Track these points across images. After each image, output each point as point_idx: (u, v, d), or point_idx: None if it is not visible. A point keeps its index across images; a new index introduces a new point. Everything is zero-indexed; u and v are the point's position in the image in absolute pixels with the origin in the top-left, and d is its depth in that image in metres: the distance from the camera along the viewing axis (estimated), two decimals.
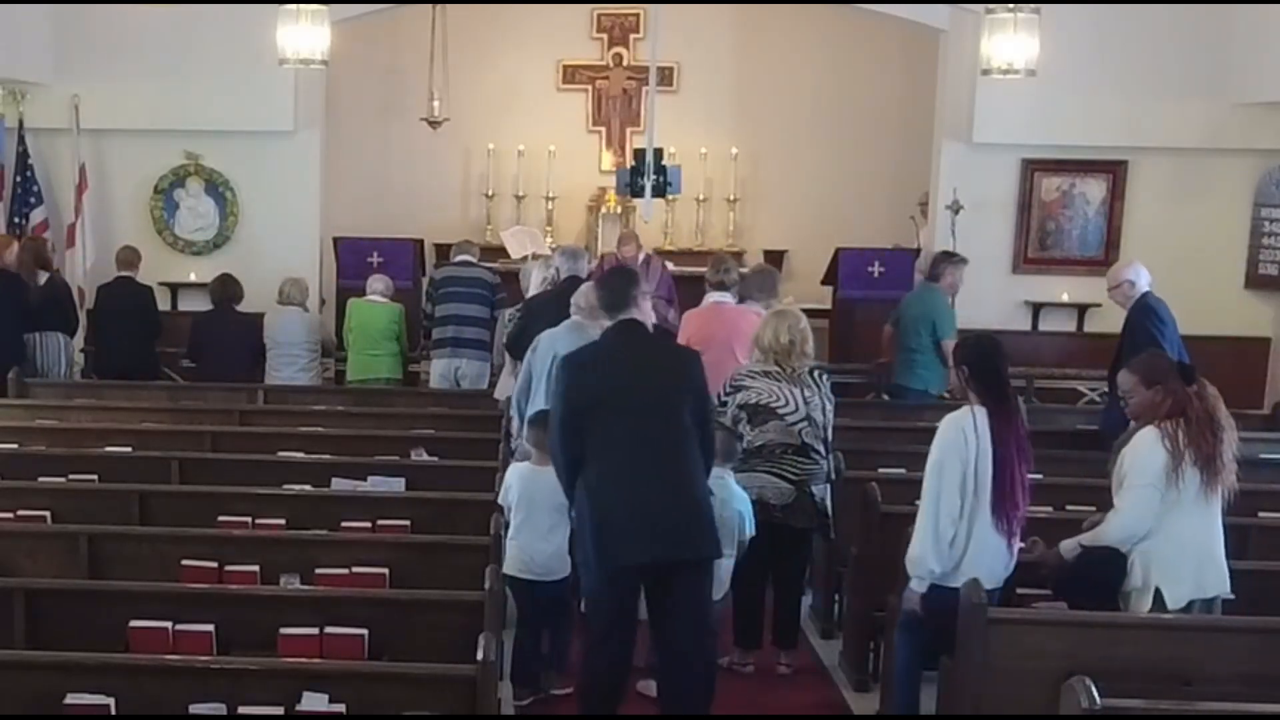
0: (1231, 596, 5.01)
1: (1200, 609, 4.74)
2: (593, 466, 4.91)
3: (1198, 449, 4.67)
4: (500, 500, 5.68)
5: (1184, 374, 4.80)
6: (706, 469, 5.04)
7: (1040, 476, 6.75)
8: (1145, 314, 7.25)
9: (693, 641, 4.95)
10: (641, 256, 9.70)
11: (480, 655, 3.89)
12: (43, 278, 9.19)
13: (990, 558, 4.83)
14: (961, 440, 4.82)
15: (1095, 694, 3.89)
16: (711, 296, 7.66)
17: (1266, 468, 7.13)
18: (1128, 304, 7.42)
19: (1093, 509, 5.58)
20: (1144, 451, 4.73)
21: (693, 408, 4.96)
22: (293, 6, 9.07)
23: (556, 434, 5.00)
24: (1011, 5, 9.17)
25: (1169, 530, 4.70)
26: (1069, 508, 5.95)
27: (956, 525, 4.81)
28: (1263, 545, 5.80)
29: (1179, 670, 4.37)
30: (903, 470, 6.68)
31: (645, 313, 5.16)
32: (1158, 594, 4.69)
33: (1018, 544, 4.92)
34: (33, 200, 10.49)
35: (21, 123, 10.49)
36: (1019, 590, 5.02)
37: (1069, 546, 4.94)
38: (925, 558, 4.83)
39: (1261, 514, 6.18)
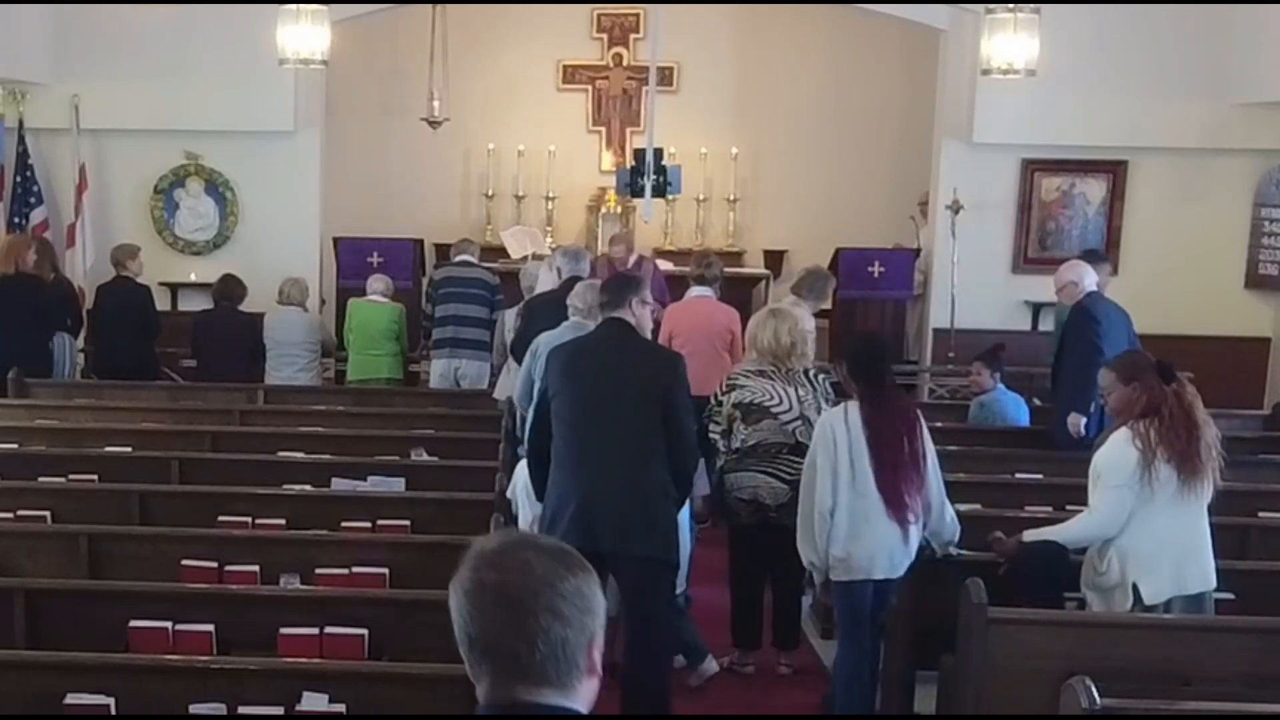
0: (1230, 596, 5.02)
1: (1185, 606, 4.74)
2: (555, 455, 5.06)
3: (1170, 446, 4.67)
4: (508, 495, 5.80)
5: (1162, 372, 4.79)
6: (679, 472, 5.05)
7: (1040, 477, 6.80)
8: (1081, 316, 7.30)
9: (642, 636, 5.05)
10: (633, 259, 9.73)
11: None
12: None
13: (882, 549, 5.04)
14: (830, 436, 5.06)
15: (1095, 694, 3.89)
16: (693, 291, 8.03)
17: (1266, 468, 7.13)
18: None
19: None
20: (1115, 451, 4.77)
21: (665, 410, 4.98)
22: (293, 6, 9.08)
23: (529, 422, 5.22)
24: (1011, 5, 9.18)
25: (1145, 527, 4.72)
26: (1069, 507, 5.93)
27: (829, 519, 5.04)
28: (1263, 545, 5.80)
29: (1179, 670, 4.37)
30: None
31: (641, 318, 5.23)
32: (1136, 590, 4.71)
33: (916, 534, 5.09)
34: (33, 200, 10.49)
35: (21, 123, 10.49)
36: None
37: (1032, 539, 5.02)
38: (803, 549, 5.16)
39: (1261, 514, 6.18)
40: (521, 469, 5.83)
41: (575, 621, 1.94)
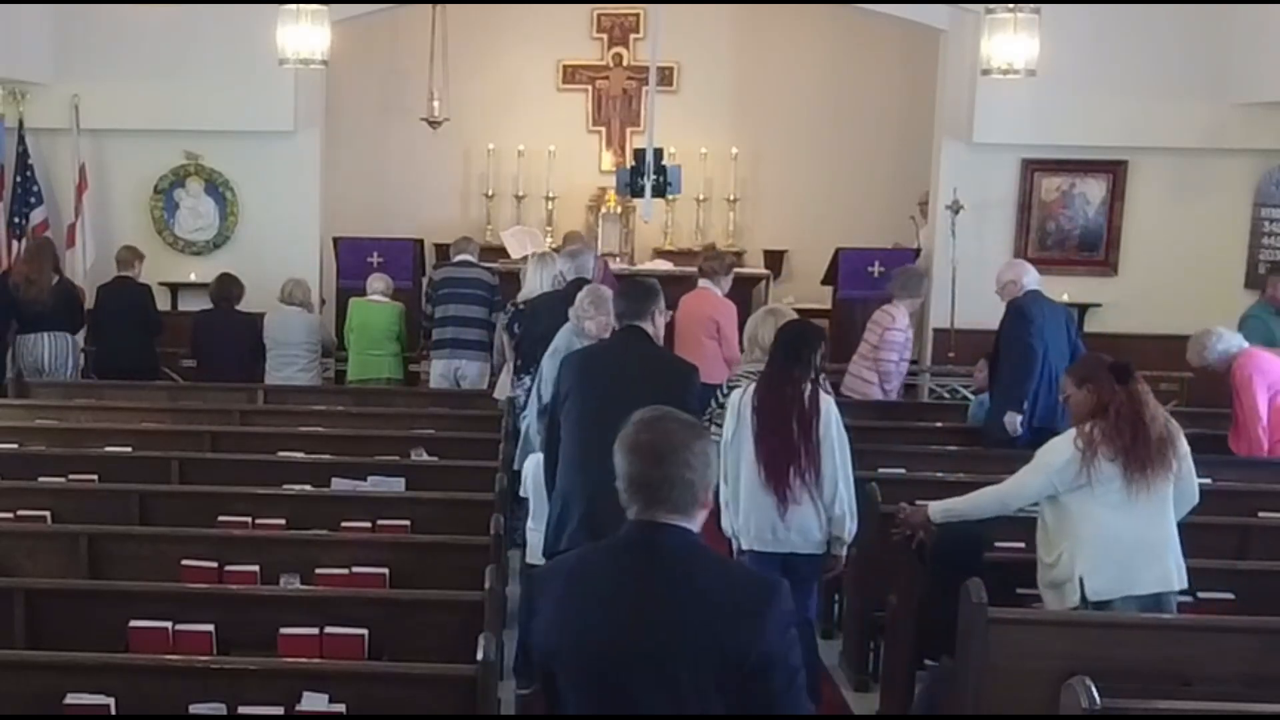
0: (1230, 596, 5.02)
1: (1140, 607, 4.72)
2: (563, 455, 5.13)
3: (1112, 444, 4.71)
4: (521, 493, 5.87)
5: (1116, 373, 4.82)
6: None
7: None
8: (1015, 315, 7.38)
9: None
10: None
11: (480, 655, 3.89)
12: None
13: (765, 523, 5.22)
14: (730, 413, 5.35)
15: (1095, 694, 3.89)
16: (700, 283, 8.55)
17: (1266, 468, 7.13)
18: None
19: None
20: (1056, 443, 4.91)
21: None
22: (293, 6, 9.08)
23: (545, 423, 5.30)
24: (1011, 5, 9.18)
25: (1090, 523, 4.76)
26: None
27: (726, 491, 5.30)
28: (1263, 545, 5.80)
29: (1179, 670, 4.37)
30: (903, 470, 6.70)
31: (657, 327, 5.32)
32: (1083, 586, 4.73)
33: (805, 516, 5.22)
34: (33, 200, 10.49)
35: (21, 123, 10.49)
36: (1018, 590, 5.02)
37: (937, 509, 5.15)
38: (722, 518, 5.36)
39: (1261, 514, 6.18)
40: (531, 462, 5.87)
41: (699, 471, 2.79)
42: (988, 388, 7.72)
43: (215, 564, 5.16)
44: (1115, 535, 4.71)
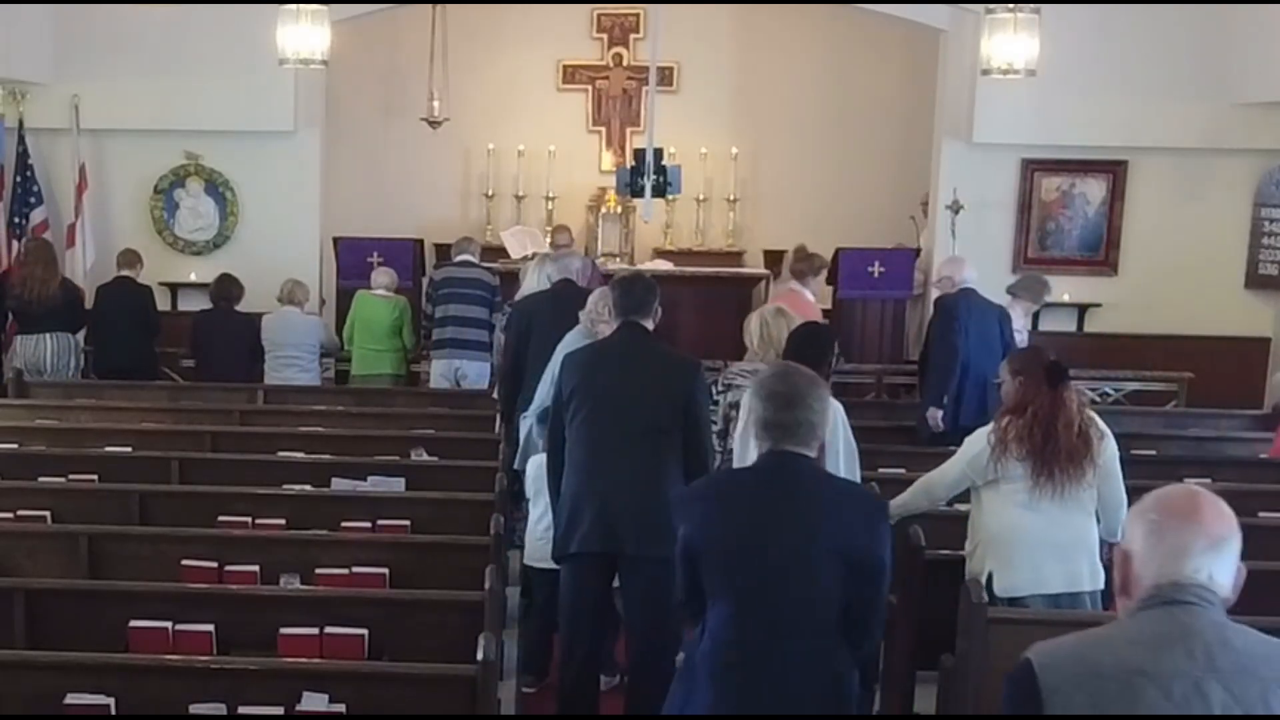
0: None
1: (1048, 605, 4.75)
2: (570, 457, 5.08)
3: (1022, 444, 4.74)
4: (527, 494, 5.88)
5: (1050, 374, 4.82)
6: (694, 478, 5.02)
7: None
8: (939, 312, 7.63)
9: (647, 638, 5.08)
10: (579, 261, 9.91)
11: (480, 655, 3.89)
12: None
13: None
14: (742, 410, 5.26)
15: None
16: (791, 285, 8.59)
17: (1266, 468, 7.13)
18: None
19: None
20: (972, 439, 4.98)
21: (685, 416, 4.99)
22: (293, 6, 9.07)
23: (549, 424, 5.26)
24: (1011, 5, 9.17)
25: (998, 518, 4.82)
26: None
27: None
28: (1263, 545, 5.78)
29: None
30: (903, 470, 6.69)
31: (657, 322, 5.27)
32: (991, 580, 4.77)
33: None
34: (33, 200, 10.49)
35: (21, 123, 10.50)
36: None
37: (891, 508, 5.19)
38: None
39: (1261, 514, 6.17)
40: (534, 462, 5.88)
41: (818, 414, 3.55)
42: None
43: (215, 564, 5.16)
44: (1020, 533, 4.77)
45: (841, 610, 3.48)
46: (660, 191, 8.56)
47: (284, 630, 4.43)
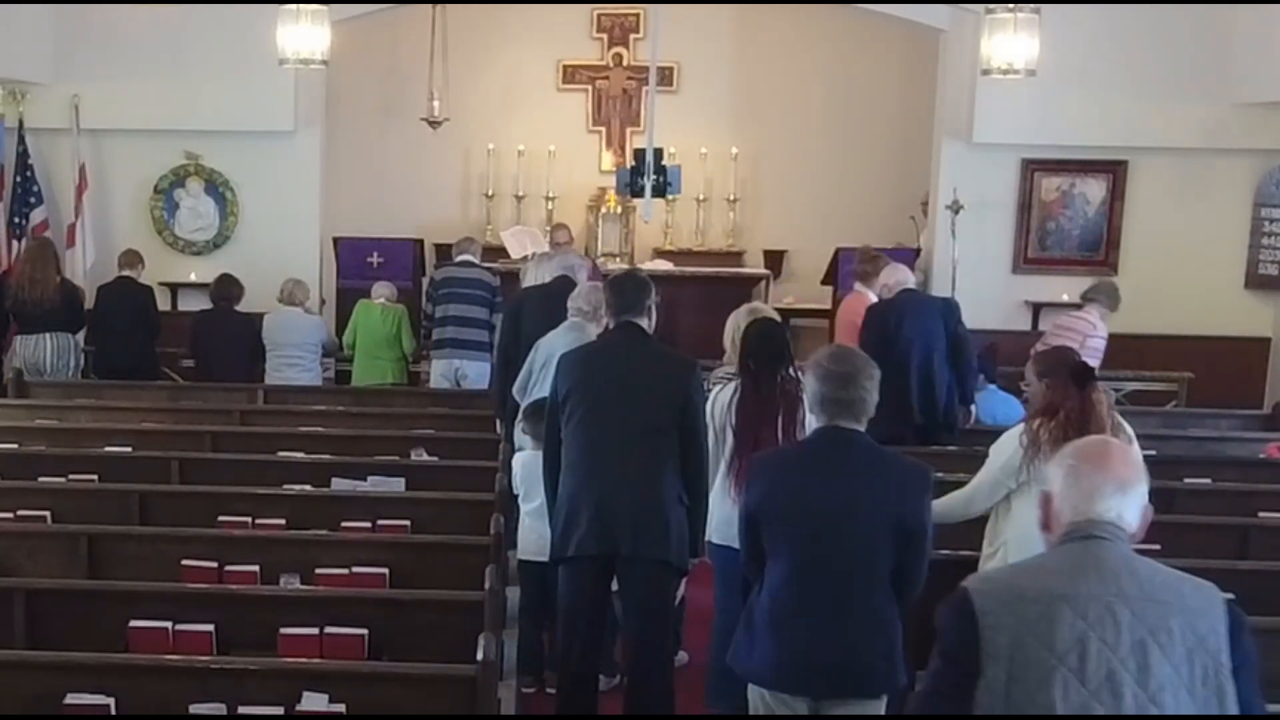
0: (1230, 596, 4.99)
1: None
2: (566, 458, 5.05)
3: (1056, 446, 4.67)
4: (515, 489, 5.87)
5: (1076, 375, 4.80)
6: (694, 478, 5.02)
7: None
8: (868, 316, 7.72)
9: (646, 639, 5.07)
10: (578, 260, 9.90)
11: (480, 655, 3.89)
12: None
13: (723, 521, 5.13)
14: (714, 408, 5.31)
15: None
16: (856, 287, 8.61)
17: (1266, 468, 7.13)
18: None
19: None
20: (1003, 441, 4.93)
21: (682, 417, 4.96)
22: (293, 6, 9.07)
23: (545, 425, 5.22)
24: (1011, 5, 9.17)
25: (1032, 523, 4.75)
26: None
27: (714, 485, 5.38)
28: (1263, 545, 5.79)
29: None
30: None
31: (653, 320, 5.23)
32: None
33: None
34: (33, 200, 10.49)
35: (21, 123, 10.49)
36: None
37: None
38: None
39: (1262, 514, 6.17)
40: (519, 459, 5.90)
41: (870, 393, 3.91)
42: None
43: (215, 564, 5.16)
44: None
45: (890, 569, 3.86)
46: (660, 191, 8.56)
47: (284, 630, 4.43)
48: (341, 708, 3.89)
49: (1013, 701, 2.54)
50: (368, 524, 5.74)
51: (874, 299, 8.27)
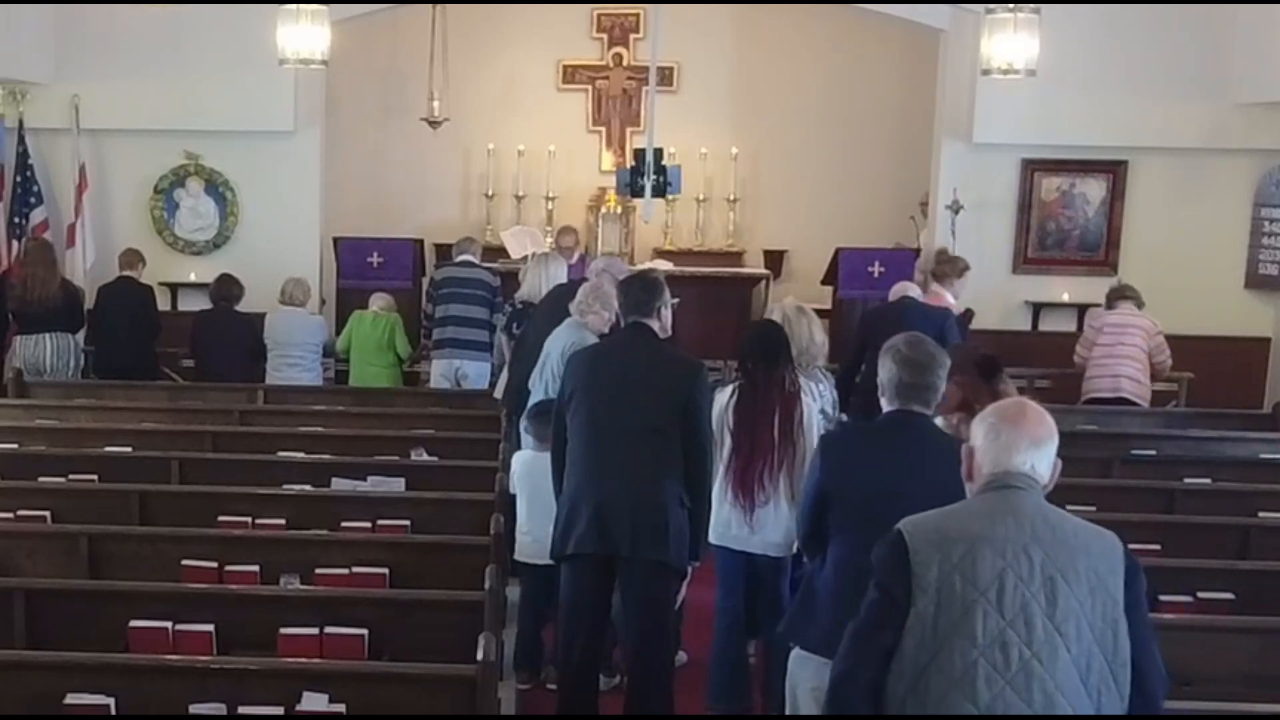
0: (1230, 596, 5.01)
1: None
2: (570, 456, 5.07)
3: None
4: (512, 489, 5.87)
5: (983, 369, 4.89)
6: (696, 480, 5.01)
7: None
8: (864, 314, 7.92)
9: (645, 639, 5.08)
10: (577, 255, 10.02)
11: (480, 655, 3.89)
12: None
13: (722, 522, 5.27)
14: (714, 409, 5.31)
15: None
16: (933, 287, 8.53)
17: (1266, 468, 7.13)
18: None
19: (1093, 508, 5.59)
20: None
21: (686, 419, 4.96)
22: (293, 6, 9.07)
23: (552, 425, 5.23)
24: (1011, 5, 9.16)
25: None
26: (1069, 507, 5.92)
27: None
28: (1263, 545, 5.80)
29: (1179, 670, 4.34)
30: None
31: (663, 320, 5.22)
32: None
33: (772, 514, 5.23)
34: (33, 200, 10.49)
35: (21, 123, 10.49)
36: None
37: None
38: None
39: (1261, 514, 6.17)
40: (515, 459, 5.90)
41: (941, 380, 4.10)
42: None
43: (215, 564, 5.17)
44: None
45: None
46: (660, 191, 8.57)
47: (284, 630, 4.44)
48: (341, 708, 3.89)
49: (939, 629, 2.87)
50: (368, 524, 5.75)
51: (952, 301, 8.25)
